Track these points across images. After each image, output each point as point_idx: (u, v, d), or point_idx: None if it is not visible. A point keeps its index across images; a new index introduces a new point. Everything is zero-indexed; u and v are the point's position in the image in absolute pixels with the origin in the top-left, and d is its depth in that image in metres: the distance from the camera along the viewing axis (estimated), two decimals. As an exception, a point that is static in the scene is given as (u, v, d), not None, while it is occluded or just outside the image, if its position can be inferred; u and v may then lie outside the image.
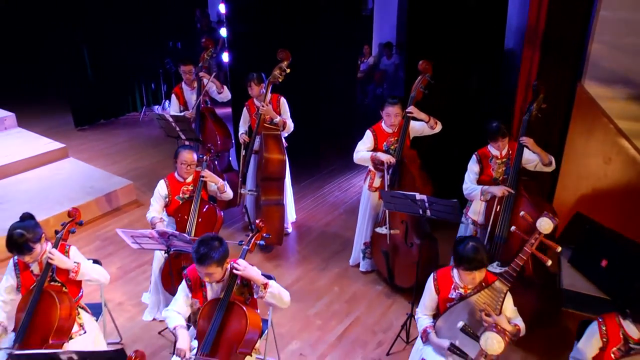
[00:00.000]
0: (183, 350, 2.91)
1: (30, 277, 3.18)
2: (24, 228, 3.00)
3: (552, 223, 2.83)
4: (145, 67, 9.31)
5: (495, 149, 3.95)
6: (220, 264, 2.93)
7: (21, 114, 8.09)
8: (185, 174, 4.23)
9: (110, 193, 6.09)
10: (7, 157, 6.76)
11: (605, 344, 2.79)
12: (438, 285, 3.04)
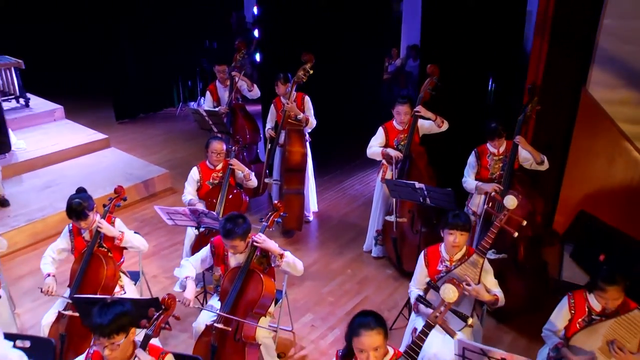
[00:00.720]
0: (188, 299, 3.49)
1: (82, 242, 3.83)
2: (80, 198, 3.65)
3: (516, 200, 3.29)
4: (183, 65, 10.01)
5: (492, 147, 4.42)
6: (244, 238, 3.50)
7: (69, 107, 8.90)
8: (215, 161, 4.84)
9: (147, 180, 6.77)
10: (56, 146, 7.53)
11: (572, 316, 3.24)
12: (428, 259, 3.55)
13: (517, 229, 3.36)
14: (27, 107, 8.62)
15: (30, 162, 7.06)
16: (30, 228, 5.64)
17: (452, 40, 5.46)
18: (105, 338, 2.41)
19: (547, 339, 3.32)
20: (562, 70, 5.22)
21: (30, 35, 9.92)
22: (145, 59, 9.57)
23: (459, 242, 3.39)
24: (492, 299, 3.37)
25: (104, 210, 3.89)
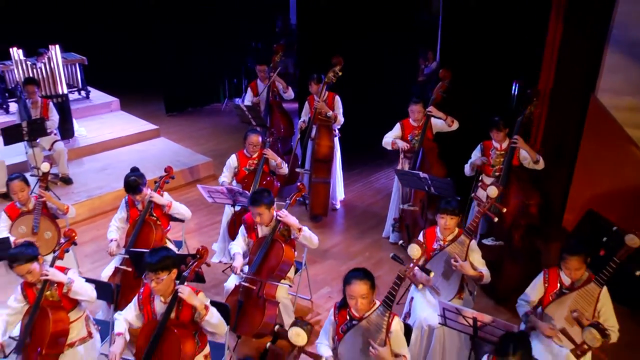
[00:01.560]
0: (237, 267, 4.27)
1: (136, 212, 4.68)
2: (135, 176, 4.51)
3: (497, 190, 3.92)
4: (230, 64, 10.91)
5: (496, 141, 5.03)
6: (268, 208, 4.27)
7: (124, 99, 9.96)
8: (251, 151, 5.62)
9: (192, 167, 7.65)
10: (112, 134, 8.55)
11: (546, 289, 3.83)
12: (426, 238, 4.22)
13: (497, 215, 4.01)
14: (88, 98, 9.73)
15: (90, 147, 8.09)
16: (89, 203, 6.62)
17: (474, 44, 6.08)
18: (152, 273, 3.21)
19: (519, 307, 3.91)
20: (571, 77, 5.77)
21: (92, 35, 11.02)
22: (195, 57, 10.52)
23: (449, 224, 4.04)
24: (477, 274, 3.99)
25: (155, 185, 4.74)
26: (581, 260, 3.57)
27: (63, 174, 7.10)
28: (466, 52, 6.14)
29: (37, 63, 7.87)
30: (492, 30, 6.08)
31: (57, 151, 7.02)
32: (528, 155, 4.92)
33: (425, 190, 4.90)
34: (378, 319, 3.18)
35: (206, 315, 3.33)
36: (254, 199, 4.26)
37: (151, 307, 3.42)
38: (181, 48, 10.40)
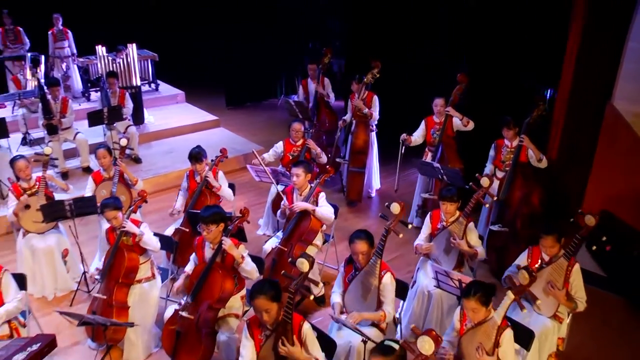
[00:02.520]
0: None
1: (194, 183, 5.82)
2: (198, 148, 5.65)
3: (488, 181, 4.79)
4: (287, 62, 12.06)
5: (507, 140, 5.85)
6: (305, 172, 5.32)
7: (189, 92, 11.34)
8: (295, 138, 6.65)
9: (246, 154, 8.79)
10: (177, 122, 9.88)
11: (529, 263, 4.65)
12: (432, 219, 5.12)
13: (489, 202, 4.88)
14: (157, 90, 11.15)
15: (157, 133, 9.43)
16: (155, 180, 7.88)
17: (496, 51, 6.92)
18: (204, 225, 4.30)
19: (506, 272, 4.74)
20: (589, 85, 6.49)
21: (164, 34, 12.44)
22: (255, 55, 11.72)
23: (449, 209, 4.92)
24: (472, 251, 4.84)
25: (212, 163, 5.85)
26: (554, 239, 4.36)
27: (134, 155, 8.42)
28: (489, 58, 6.97)
29: (116, 58, 9.27)
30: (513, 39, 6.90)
31: (130, 134, 8.33)
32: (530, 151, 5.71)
33: (439, 178, 5.79)
34: (372, 265, 4.14)
35: (242, 263, 4.38)
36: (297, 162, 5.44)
37: (202, 252, 4.52)
38: (243, 47, 11.62)
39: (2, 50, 10.00)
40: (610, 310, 5.66)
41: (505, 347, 3.59)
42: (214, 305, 4.30)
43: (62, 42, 10.17)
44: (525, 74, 7.10)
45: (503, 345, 3.59)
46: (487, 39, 7.27)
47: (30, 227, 5.47)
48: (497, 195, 5.86)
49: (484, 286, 3.70)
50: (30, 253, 5.42)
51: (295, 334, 3.53)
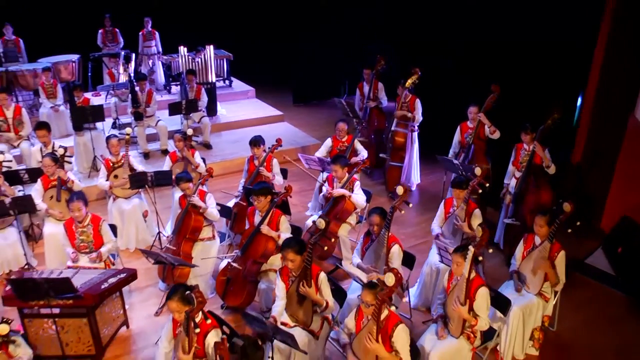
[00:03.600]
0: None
1: (253, 166, 7.15)
2: (258, 137, 6.98)
3: (480, 170, 5.83)
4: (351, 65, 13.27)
5: (525, 143, 6.79)
6: (342, 167, 6.49)
7: (259, 89, 12.80)
8: (340, 135, 7.85)
9: (304, 146, 10.09)
10: (245, 115, 11.36)
11: (524, 248, 5.63)
12: (445, 205, 6.20)
13: (482, 187, 5.92)
14: (230, 87, 12.68)
15: (227, 124, 10.92)
16: (222, 164, 9.31)
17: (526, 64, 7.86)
18: (255, 196, 5.60)
19: (511, 266, 5.71)
20: (613, 96, 7.31)
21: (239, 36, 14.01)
22: (322, 58, 13.04)
23: (460, 195, 5.98)
24: (471, 233, 5.87)
25: (268, 149, 7.15)
26: (545, 219, 5.30)
27: (205, 141, 9.93)
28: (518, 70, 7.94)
29: (196, 57, 10.84)
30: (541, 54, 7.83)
31: (203, 124, 9.84)
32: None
33: (458, 173, 6.84)
34: (382, 236, 5.28)
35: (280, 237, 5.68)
36: (335, 157, 6.71)
37: (253, 218, 5.83)
38: (311, 49, 12.97)
39: (101, 48, 11.93)
40: (610, 305, 6.43)
41: (479, 301, 4.63)
42: (258, 260, 5.61)
43: (150, 42, 11.98)
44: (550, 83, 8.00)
45: (477, 300, 4.64)
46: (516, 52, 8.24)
47: (118, 193, 7.01)
48: (513, 192, 6.87)
49: (466, 246, 4.73)
50: (118, 213, 6.96)
51: (313, 280, 4.73)
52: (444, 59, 9.89)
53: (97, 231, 5.67)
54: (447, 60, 9.82)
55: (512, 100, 7.73)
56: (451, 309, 4.73)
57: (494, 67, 8.83)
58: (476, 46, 9.34)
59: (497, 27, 8.86)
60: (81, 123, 8.76)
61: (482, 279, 4.80)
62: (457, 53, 9.71)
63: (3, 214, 5.98)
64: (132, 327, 5.69)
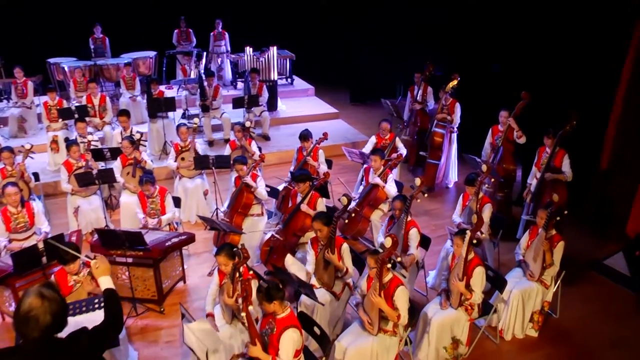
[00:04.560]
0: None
1: (301, 155, 8.30)
2: (306, 131, 8.17)
3: (486, 166, 6.72)
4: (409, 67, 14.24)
5: (547, 147, 7.62)
6: (380, 159, 7.54)
7: (318, 88, 14.01)
8: (382, 134, 8.90)
9: (354, 142, 11.19)
10: (303, 111, 12.61)
11: (529, 237, 6.50)
12: (463, 198, 7.14)
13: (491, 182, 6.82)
14: (291, 84, 13.95)
15: (286, 119, 12.21)
16: (278, 154, 10.59)
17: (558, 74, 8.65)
18: (295, 182, 6.76)
19: (516, 254, 6.56)
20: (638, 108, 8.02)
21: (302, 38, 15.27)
22: (380, 60, 14.10)
23: (471, 191, 6.90)
24: (481, 223, 6.76)
25: (315, 142, 8.29)
26: (546, 213, 6.16)
27: (264, 133, 11.22)
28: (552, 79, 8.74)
29: (260, 57, 12.17)
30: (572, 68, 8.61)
31: (263, 118, 11.13)
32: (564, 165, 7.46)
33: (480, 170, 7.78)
34: (401, 220, 6.30)
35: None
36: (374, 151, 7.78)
37: (296, 199, 6.98)
38: (370, 51, 14.06)
39: (176, 46, 13.52)
40: (618, 301, 7.04)
41: (474, 278, 5.58)
42: (297, 233, 6.76)
43: (220, 42, 13.47)
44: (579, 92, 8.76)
45: (473, 277, 5.59)
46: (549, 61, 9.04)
47: (184, 173, 8.36)
48: (533, 192, 7.73)
49: (464, 231, 5.67)
50: (183, 190, 8.31)
51: (337, 249, 5.82)
52: (494, 62, 10.79)
53: (163, 201, 7.01)
54: (496, 65, 10.72)
55: (544, 105, 8.54)
56: (452, 284, 5.71)
57: (528, 72, 9.67)
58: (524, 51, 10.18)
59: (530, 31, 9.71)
60: (155, 112, 10.21)
61: (480, 260, 5.73)
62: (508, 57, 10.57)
63: (90, 183, 7.40)
64: (188, 282, 7.00)
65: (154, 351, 5.87)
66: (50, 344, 2.98)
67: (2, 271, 5.85)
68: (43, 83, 12.07)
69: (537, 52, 9.53)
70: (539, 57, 9.52)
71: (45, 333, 2.90)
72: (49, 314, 2.89)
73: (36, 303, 2.87)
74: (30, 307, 2.87)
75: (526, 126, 8.17)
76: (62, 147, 9.63)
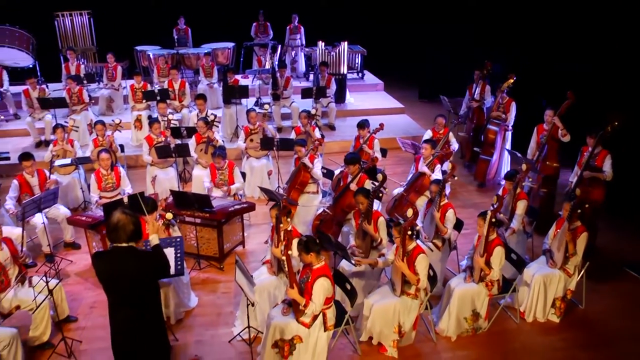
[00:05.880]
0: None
1: (358, 143, 9.46)
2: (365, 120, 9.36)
3: (526, 165, 7.60)
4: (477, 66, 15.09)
5: (589, 146, 8.36)
6: (431, 148, 8.60)
7: (388, 83, 15.14)
8: (437, 128, 9.90)
9: (416, 136, 12.11)
10: (370, 105, 13.85)
11: (555, 229, 7.32)
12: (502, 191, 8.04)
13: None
14: (362, 79, 15.15)
15: (353, 111, 13.45)
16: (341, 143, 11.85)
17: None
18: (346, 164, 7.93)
19: (544, 244, 7.41)
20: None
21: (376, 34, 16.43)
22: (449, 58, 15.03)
23: (508, 187, 7.78)
24: (500, 206, 7.55)
25: (371, 132, 9.41)
26: (569, 205, 6.96)
27: (330, 123, 12.50)
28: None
29: (331, 51, 13.40)
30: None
31: (330, 108, 12.40)
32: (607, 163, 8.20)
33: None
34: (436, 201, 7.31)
35: None
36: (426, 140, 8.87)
37: (347, 180, 8.13)
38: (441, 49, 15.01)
39: (253, 38, 15.02)
40: None
41: (494, 256, 6.48)
42: (345, 209, 7.92)
43: (295, 35, 14.89)
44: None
45: (493, 255, 6.50)
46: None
47: (252, 153, 9.72)
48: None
49: (485, 212, 6.62)
50: (249, 168, 9.68)
51: (374, 220, 6.96)
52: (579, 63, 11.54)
53: (231, 173, 8.39)
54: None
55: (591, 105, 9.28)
56: (474, 260, 6.70)
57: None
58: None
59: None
60: (230, 98, 11.66)
61: (501, 241, 6.65)
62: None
63: (167, 155, 8.91)
64: (247, 247, 8.37)
65: (211, 299, 7.22)
66: (131, 249, 4.36)
67: (94, 219, 7.45)
68: (129, 68, 13.94)
69: (589, 53, 10.25)
70: (591, 58, 10.24)
71: (129, 239, 4.29)
72: (132, 224, 4.28)
73: (122, 217, 4.27)
74: (118, 219, 4.26)
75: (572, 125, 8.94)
76: (145, 125, 11.33)
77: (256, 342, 6.35)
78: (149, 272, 4.50)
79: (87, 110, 11.97)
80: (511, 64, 12.41)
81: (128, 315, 4.51)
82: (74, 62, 13.37)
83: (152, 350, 4.74)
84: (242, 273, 5.94)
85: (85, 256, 8.06)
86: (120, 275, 4.35)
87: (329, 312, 5.83)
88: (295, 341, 5.80)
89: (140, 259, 4.43)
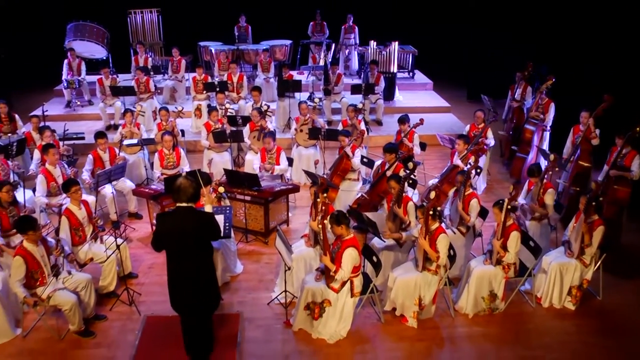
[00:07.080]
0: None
1: (399, 136, 10.30)
2: (405, 115, 10.18)
3: (553, 156, 8.26)
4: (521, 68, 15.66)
5: (618, 146, 8.87)
6: (464, 143, 9.38)
7: (438, 82, 15.91)
8: (476, 123, 10.61)
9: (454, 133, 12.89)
10: (417, 103, 14.62)
11: (574, 222, 7.94)
12: (528, 184, 8.70)
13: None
14: (412, 78, 15.96)
15: (400, 108, 14.16)
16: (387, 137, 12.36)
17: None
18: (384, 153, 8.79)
19: (563, 236, 8.01)
20: None
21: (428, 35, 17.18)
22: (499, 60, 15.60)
23: (533, 181, 8.44)
24: (538, 209, 8.20)
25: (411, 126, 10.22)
26: (585, 198, 7.54)
27: (378, 119, 13.43)
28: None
29: (382, 50, 14.26)
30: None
31: (378, 105, 13.31)
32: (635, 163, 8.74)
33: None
34: (460, 191, 8.02)
35: None
36: (460, 136, 9.60)
37: (384, 168, 8.96)
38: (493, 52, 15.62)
39: (310, 37, 16.09)
40: None
41: (510, 240, 7.15)
42: (380, 194, 8.78)
43: (349, 34, 15.85)
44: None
45: (509, 239, 7.19)
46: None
47: (301, 142, 10.71)
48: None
49: (501, 201, 7.33)
50: (298, 156, 10.68)
51: (404, 204, 7.77)
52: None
53: (279, 157, 9.45)
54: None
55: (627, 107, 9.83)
56: (493, 243, 7.44)
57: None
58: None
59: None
60: (284, 92, 12.71)
61: (518, 227, 7.30)
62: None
63: (223, 140, 10.02)
64: (291, 226, 9.33)
65: (255, 268, 8.23)
66: (191, 208, 5.36)
67: (155, 191, 8.63)
68: (193, 62, 15.28)
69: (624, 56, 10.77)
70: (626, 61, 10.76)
71: (189, 200, 5.29)
72: (192, 187, 5.28)
73: (184, 181, 5.29)
74: (180, 182, 5.29)
75: (608, 128, 9.46)
76: (204, 114, 12.50)
77: (291, 306, 7.27)
78: (205, 229, 5.47)
79: (153, 99, 13.28)
80: (556, 65, 12.94)
81: (186, 266, 5.49)
82: (143, 55, 14.85)
83: (205, 299, 5.74)
84: (281, 240, 6.89)
85: (146, 225, 9.29)
86: (182, 230, 5.33)
87: (356, 280, 6.67)
88: (325, 304, 6.70)
89: (198, 217, 5.43)
